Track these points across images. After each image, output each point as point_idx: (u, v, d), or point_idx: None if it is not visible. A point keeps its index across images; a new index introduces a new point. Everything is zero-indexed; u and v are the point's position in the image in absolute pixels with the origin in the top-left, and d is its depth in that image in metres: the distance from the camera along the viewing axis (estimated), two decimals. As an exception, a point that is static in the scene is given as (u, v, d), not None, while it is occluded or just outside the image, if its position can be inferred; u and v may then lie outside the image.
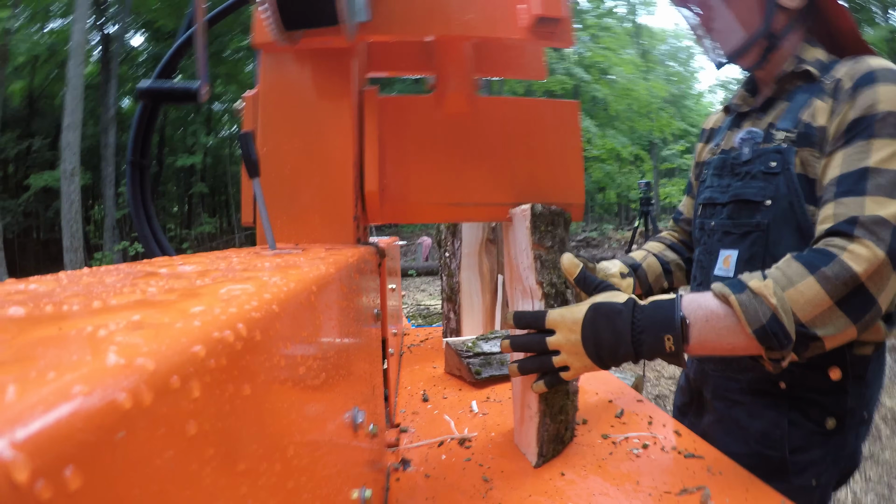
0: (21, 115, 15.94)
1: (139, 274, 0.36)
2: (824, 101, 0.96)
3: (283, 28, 0.67)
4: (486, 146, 0.95)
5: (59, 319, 0.21)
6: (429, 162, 0.95)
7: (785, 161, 0.97)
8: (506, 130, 0.96)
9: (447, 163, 0.95)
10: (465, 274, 1.67)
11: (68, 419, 0.12)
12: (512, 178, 0.96)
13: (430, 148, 0.95)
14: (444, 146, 0.95)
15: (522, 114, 0.97)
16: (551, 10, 0.83)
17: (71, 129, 10.30)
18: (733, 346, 0.77)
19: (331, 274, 0.44)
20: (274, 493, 0.26)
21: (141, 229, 0.89)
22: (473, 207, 0.96)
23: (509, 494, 0.81)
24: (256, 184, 0.66)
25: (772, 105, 1.08)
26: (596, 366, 0.80)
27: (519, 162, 0.96)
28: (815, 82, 1.00)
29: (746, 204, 1.02)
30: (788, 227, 0.97)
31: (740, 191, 1.04)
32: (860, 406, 0.99)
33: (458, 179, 0.95)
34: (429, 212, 0.97)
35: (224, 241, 17.23)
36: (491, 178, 0.95)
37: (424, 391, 1.28)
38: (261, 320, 0.25)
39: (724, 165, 1.11)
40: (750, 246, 1.01)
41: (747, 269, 0.99)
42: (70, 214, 10.38)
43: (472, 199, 0.95)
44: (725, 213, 1.07)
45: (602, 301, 0.81)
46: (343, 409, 0.47)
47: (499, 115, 0.96)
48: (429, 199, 0.95)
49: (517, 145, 0.96)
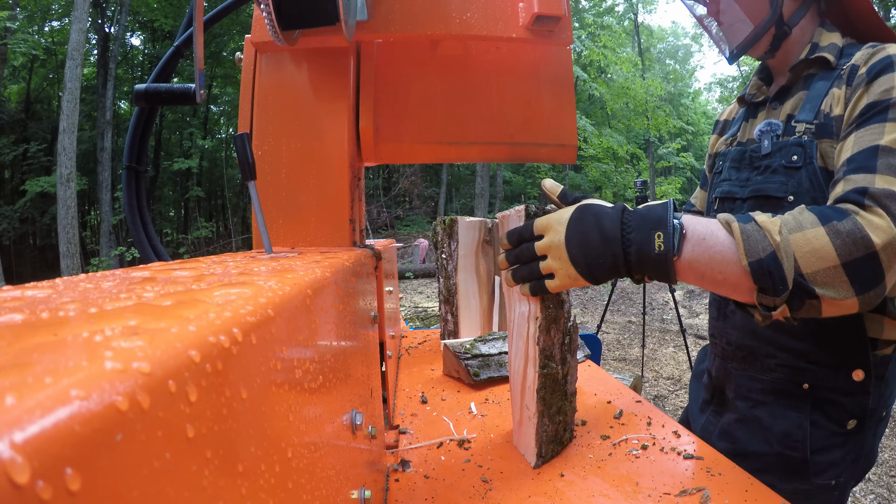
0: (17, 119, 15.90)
1: (135, 279, 0.36)
2: (840, 88, 0.93)
3: (280, 27, 0.67)
4: (479, 87, 0.96)
5: (56, 325, 0.21)
6: (422, 102, 0.96)
7: (807, 155, 0.95)
8: (499, 71, 0.97)
9: (441, 103, 0.96)
10: (463, 276, 1.67)
11: (66, 422, 0.12)
12: (505, 117, 0.97)
13: (423, 89, 0.96)
14: (438, 88, 0.96)
15: (516, 56, 0.98)
16: (550, 8, 0.83)
17: (67, 133, 10.27)
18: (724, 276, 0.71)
19: (327, 277, 0.44)
20: (273, 495, 0.26)
21: (137, 235, 0.89)
22: (467, 147, 0.97)
23: (508, 495, 0.82)
24: (252, 187, 0.66)
25: (787, 94, 1.05)
26: (580, 275, 0.74)
27: (512, 102, 0.97)
28: (833, 69, 0.97)
29: (768, 199, 1.00)
30: None
31: (761, 185, 1.02)
32: (880, 406, 0.99)
33: (451, 119, 0.96)
34: (423, 151, 0.98)
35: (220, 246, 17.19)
36: (484, 117, 0.96)
37: (423, 393, 1.29)
38: (256, 324, 0.25)
39: (743, 158, 1.09)
40: None
41: None
42: (66, 220, 10.35)
43: (465, 137, 0.96)
44: (746, 208, 1.04)
45: (591, 202, 0.77)
46: (341, 412, 0.47)
47: (492, 56, 0.97)
48: (422, 139, 0.95)
49: (510, 86, 0.97)
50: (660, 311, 6.52)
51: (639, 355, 4.65)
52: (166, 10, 15.28)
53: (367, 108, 0.91)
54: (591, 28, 17.35)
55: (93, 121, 15.37)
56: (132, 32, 17.56)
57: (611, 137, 17.18)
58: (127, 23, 15.33)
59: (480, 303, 1.72)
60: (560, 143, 0.97)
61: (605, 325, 5.89)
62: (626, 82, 17.49)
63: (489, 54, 0.97)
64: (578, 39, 16.32)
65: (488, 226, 1.73)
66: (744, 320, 1.06)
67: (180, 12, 14.92)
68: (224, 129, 19.94)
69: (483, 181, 16.14)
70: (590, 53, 16.56)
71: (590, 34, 17.21)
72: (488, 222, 1.74)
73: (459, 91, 0.96)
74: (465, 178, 21.62)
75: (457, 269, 1.66)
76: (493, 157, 0.98)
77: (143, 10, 15.75)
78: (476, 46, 0.97)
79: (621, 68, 17.37)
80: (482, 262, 1.73)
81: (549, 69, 0.98)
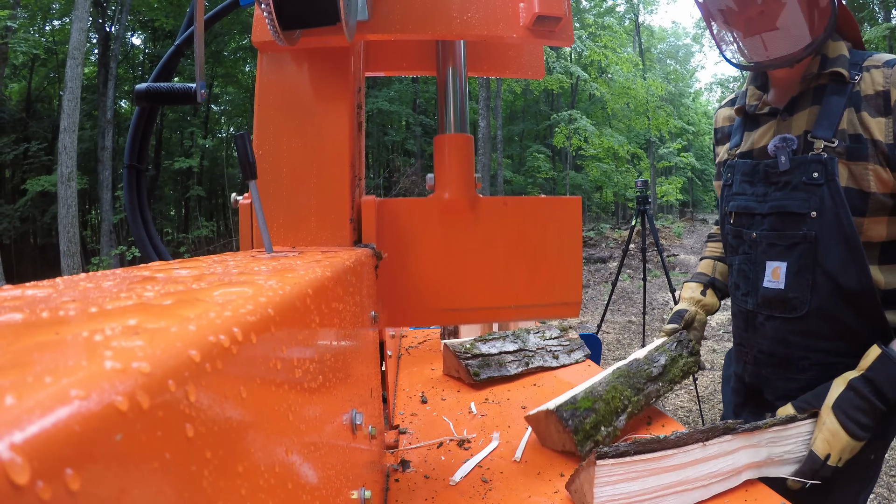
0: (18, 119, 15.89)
1: (136, 279, 0.36)
2: (871, 114, 0.94)
3: (281, 27, 0.67)
4: (486, 250, 0.94)
5: (57, 324, 0.21)
6: (427, 270, 0.93)
7: (828, 172, 0.96)
8: (506, 231, 0.94)
9: (446, 270, 0.93)
10: (463, 275, 1.67)
11: (66, 422, 0.12)
12: (511, 281, 0.94)
13: (428, 254, 0.93)
14: (443, 252, 0.93)
15: (523, 213, 0.95)
16: (551, 8, 0.83)
17: (68, 133, 10.26)
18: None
19: (327, 277, 0.44)
20: (273, 495, 0.26)
21: (137, 234, 0.89)
22: (471, 312, 0.95)
23: (508, 495, 0.82)
24: (253, 186, 0.66)
25: (796, 105, 1.05)
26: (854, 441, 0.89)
27: (518, 265, 0.94)
28: (845, 83, 0.98)
29: (791, 216, 1.02)
30: (835, 240, 0.97)
31: (782, 202, 1.03)
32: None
33: (457, 286, 0.93)
34: (426, 318, 0.96)
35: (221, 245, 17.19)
36: (490, 282, 0.94)
37: (423, 393, 1.29)
38: (256, 324, 0.25)
39: (755, 172, 1.09)
40: (798, 258, 1.01)
41: (798, 281, 1.01)
42: (67, 219, 10.35)
43: (470, 304, 0.94)
44: (767, 224, 1.06)
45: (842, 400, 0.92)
46: (341, 412, 0.47)
47: (499, 216, 0.94)
48: (427, 307, 0.93)
49: (517, 247, 0.94)
50: (660, 311, 6.52)
51: (639, 355, 4.66)
52: (167, 9, 15.27)
53: None
54: (592, 28, 17.33)
55: (93, 120, 15.36)
56: (133, 32, 17.56)
57: (612, 137, 17.18)
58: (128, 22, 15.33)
59: (481, 302, 1.71)
60: (564, 302, 0.95)
61: (605, 324, 5.89)
62: (627, 82, 17.48)
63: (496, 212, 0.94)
64: (579, 39, 16.31)
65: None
66: (774, 330, 1.09)
67: (181, 12, 14.90)
68: (225, 128, 19.93)
69: (484, 181, 16.12)
70: (590, 53, 16.55)
71: (590, 34, 17.20)
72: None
73: (465, 256, 0.93)
74: (466, 177, 21.53)
75: (457, 268, 1.65)
76: (497, 320, 0.97)
77: (143, 9, 15.75)
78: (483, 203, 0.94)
79: (622, 68, 17.36)
80: (482, 261, 1.72)
81: (558, 224, 0.95)
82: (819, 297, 1.00)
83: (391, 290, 0.91)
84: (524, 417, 1.01)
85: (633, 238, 4.86)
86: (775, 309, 1.07)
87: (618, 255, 10.93)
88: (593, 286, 8.67)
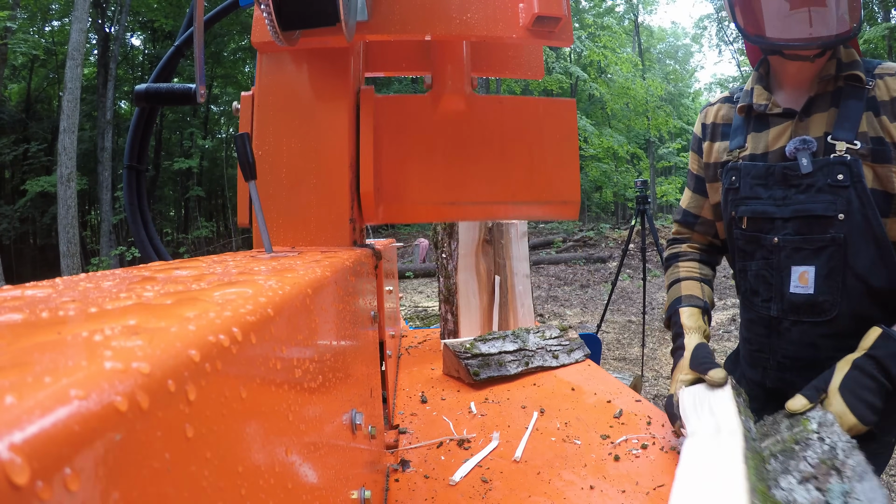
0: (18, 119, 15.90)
1: (135, 279, 0.36)
2: (891, 119, 0.96)
3: (281, 28, 0.67)
4: (482, 145, 0.96)
5: (56, 324, 0.21)
6: (425, 161, 0.95)
7: (854, 174, 0.96)
8: (502, 129, 0.96)
9: (443, 162, 0.95)
10: (463, 275, 1.67)
11: (66, 422, 0.12)
12: (508, 176, 0.96)
13: (426, 147, 0.95)
14: (440, 145, 0.95)
15: (519, 112, 0.97)
16: (551, 8, 0.83)
17: (68, 133, 10.27)
18: None
19: (327, 277, 0.44)
20: (273, 495, 0.26)
21: (137, 234, 0.89)
22: (469, 206, 0.97)
23: (508, 495, 0.81)
24: (253, 187, 0.66)
25: (812, 106, 1.04)
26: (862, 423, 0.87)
27: (515, 160, 0.97)
28: (861, 87, 1.00)
29: (817, 219, 1.01)
30: (865, 241, 0.97)
31: (807, 205, 1.02)
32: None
33: (454, 178, 0.95)
34: (424, 211, 0.98)
35: (221, 245, 17.20)
36: (487, 176, 0.96)
37: (423, 393, 1.29)
38: (256, 324, 0.25)
39: (771, 175, 1.07)
40: (827, 261, 1.01)
41: (828, 285, 1.01)
42: (67, 219, 10.35)
43: (468, 197, 0.96)
44: (791, 228, 1.05)
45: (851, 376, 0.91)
46: (341, 411, 0.47)
47: (495, 113, 0.97)
48: (424, 199, 0.95)
49: (513, 144, 0.97)
50: (660, 310, 6.53)
51: (639, 355, 4.65)
52: (166, 10, 15.27)
53: (367, 169, 0.90)
54: (592, 28, 17.34)
55: (93, 120, 15.37)
56: (132, 32, 17.57)
57: (611, 137, 17.18)
58: (127, 23, 15.34)
59: (480, 302, 1.72)
60: (563, 201, 0.96)
61: (605, 324, 5.89)
62: (627, 82, 17.48)
63: (492, 110, 0.96)
64: (578, 39, 16.32)
65: (488, 225, 1.73)
66: (801, 335, 1.08)
67: (180, 12, 14.91)
68: (224, 128, 19.93)
69: (483, 181, 16.11)
70: (590, 53, 16.56)
71: (590, 34, 17.21)
72: (488, 222, 1.74)
73: (462, 149, 0.95)
74: (466, 177, 21.55)
75: (457, 268, 1.66)
76: (495, 216, 0.99)
77: (143, 10, 15.75)
78: (479, 102, 0.96)
79: (621, 68, 17.37)
80: (482, 261, 1.73)
81: (553, 124, 0.97)
82: (849, 300, 1.00)
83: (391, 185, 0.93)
84: None
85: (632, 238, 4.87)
86: (803, 314, 1.06)
87: (618, 255, 10.93)
88: (593, 286, 8.68)
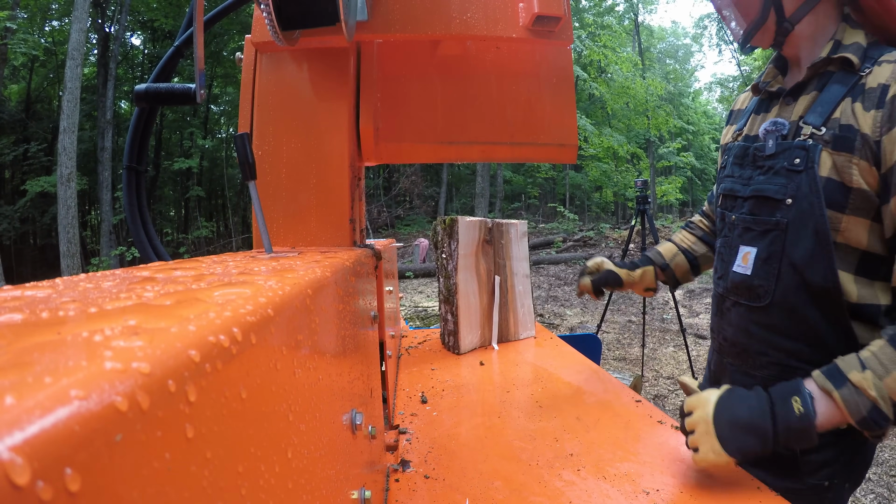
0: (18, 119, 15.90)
1: (135, 279, 0.36)
2: (865, 107, 0.90)
3: (281, 28, 0.67)
4: (480, 87, 0.98)
5: (56, 325, 0.21)
6: (423, 102, 0.97)
7: (809, 159, 0.94)
8: (499, 71, 0.98)
9: (441, 103, 0.97)
10: (463, 275, 1.67)
11: (66, 422, 0.12)
12: (506, 117, 0.98)
13: (424, 89, 0.97)
14: (438, 87, 0.97)
15: (516, 56, 0.99)
16: (550, 8, 0.83)
17: (67, 133, 10.27)
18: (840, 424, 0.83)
19: (327, 277, 0.44)
20: (273, 495, 0.26)
21: (137, 234, 0.89)
22: (468, 146, 0.98)
23: (508, 496, 0.82)
24: (253, 187, 0.66)
25: (803, 90, 1.03)
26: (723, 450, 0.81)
27: (513, 103, 0.98)
28: (853, 73, 0.94)
29: (767, 200, 1.00)
30: (806, 230, 0.94)
31: (762, 186, 1.01)
32: None
33: (452, 119, 0.97)
34: (423, 151, 0.99)
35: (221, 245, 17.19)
36: (485, 117, 0.97)
37: (423, 393, 1.29)
38: (256, 324, 0.25)
39: (746, 155, 1.08)
40: (769, 245, 0.99)
41: (765, 269, 0.99)
42: (67, 220, 10.35)
43: (466, 137, 0.97)
44: (747, 207, 1.05)
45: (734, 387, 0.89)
46: (341, 412, 0.47)
47: (492, 56, 0.98)
48: (423, 138, 0.96)
49: (511, 87, 0.98)
50: (660, 310, 6.53)
51: (639, 355, 4.65)
52: (166, 9, 15.28)
53: (367, 109, 0.91)
54: (592, 28, 17.33)
55: (93, 120, 15.37)
56: (132, 32, 17.57)
57: (611, 137, 17.17)
58: (127, 22, 15.33)
59: (480, 302, 1.72)
60: (560, 143, 0.97)
61: (605, 324, 5.89)
62: (627, 82, 17.47)
63: (489, 54, 0.98)
64: (578, 39, 16.31)
65: (488, 225, 1.73)
66: (738, 317, 1.06)
67: (180, 12, 14.91)
68: (224, 128, 19.94)
69: (483, 181, 16.13)
70: (590, 53, 16.55)
71: (590, 34, 17.20)
72: (488, 222, 1.74)
73: (460, 91, 0.97)
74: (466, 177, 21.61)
75: (457, 268, 1.66)
76: (494, 157, 0.99)
77: (143, 9, 15.76)
78: (476, 46, 0.97)
79: (621, 68, 17.35)
80: (482, 261, 1.73)
81: (550, 69, 0.99)
82: (783, 289, 0.97)
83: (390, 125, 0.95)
84: None
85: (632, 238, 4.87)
86: (741, 295, 1.05)
87: (618, 255, 10.93)
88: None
